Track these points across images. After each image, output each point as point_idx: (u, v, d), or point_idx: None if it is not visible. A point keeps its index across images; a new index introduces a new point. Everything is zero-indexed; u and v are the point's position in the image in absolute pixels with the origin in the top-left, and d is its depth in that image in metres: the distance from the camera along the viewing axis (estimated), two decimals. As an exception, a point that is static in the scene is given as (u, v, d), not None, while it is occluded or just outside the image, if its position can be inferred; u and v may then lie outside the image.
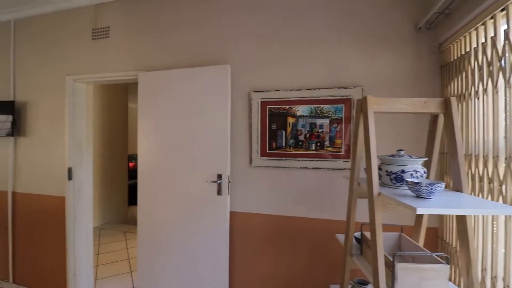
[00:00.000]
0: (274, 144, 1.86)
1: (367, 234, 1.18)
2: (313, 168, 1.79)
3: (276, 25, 1.87)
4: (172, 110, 2.02)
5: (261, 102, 1.88)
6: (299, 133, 1.82)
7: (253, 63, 1.91)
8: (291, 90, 1.82)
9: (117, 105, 4.85)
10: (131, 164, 5.67)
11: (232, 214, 1.92)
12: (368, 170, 1.03)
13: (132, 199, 5.08)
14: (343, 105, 1.73)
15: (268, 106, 1.87)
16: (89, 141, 2.62)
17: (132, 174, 5.04)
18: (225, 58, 1.96)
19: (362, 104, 1.13)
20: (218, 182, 1.86)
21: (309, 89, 1.79)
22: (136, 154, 2.15)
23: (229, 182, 1.87)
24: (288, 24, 1.85)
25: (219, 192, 1.87)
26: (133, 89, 5.13)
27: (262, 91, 1.88)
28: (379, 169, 1.11)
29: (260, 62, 1.90)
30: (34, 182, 2.48)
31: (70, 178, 2.40)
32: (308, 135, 1.80)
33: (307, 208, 1.81)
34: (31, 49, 2.51)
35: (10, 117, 2.45)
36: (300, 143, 1.82)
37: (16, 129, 2.50)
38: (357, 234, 1.33)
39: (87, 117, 2.57)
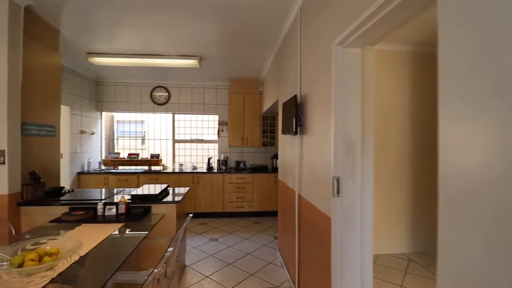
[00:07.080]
0: None
1: None
2: None
3: None
4: None
5: None
6: None
7: None
8: None
9: (417, 87, 3.40)
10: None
11: None
12: None
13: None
14: None
15: None
16: (366, 139, 1.71)
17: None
18: None
19: None
20: None
21: None
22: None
23: None
24: None
25: None
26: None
27: None
28: None
29: None
30: (309, 188, 2.09)
31: (337, 192, 1.66)
32: None
33: None
34: (307, 31, 2.13)
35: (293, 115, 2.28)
36: None
37: (300, 126, 2.27)
38: None
39: (362, 103, 1.67)
